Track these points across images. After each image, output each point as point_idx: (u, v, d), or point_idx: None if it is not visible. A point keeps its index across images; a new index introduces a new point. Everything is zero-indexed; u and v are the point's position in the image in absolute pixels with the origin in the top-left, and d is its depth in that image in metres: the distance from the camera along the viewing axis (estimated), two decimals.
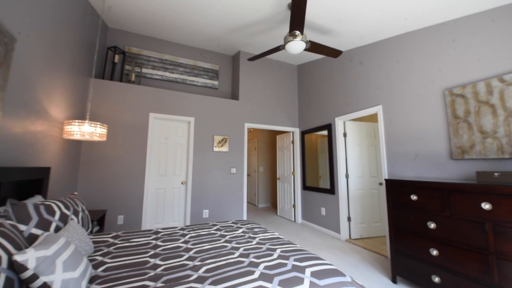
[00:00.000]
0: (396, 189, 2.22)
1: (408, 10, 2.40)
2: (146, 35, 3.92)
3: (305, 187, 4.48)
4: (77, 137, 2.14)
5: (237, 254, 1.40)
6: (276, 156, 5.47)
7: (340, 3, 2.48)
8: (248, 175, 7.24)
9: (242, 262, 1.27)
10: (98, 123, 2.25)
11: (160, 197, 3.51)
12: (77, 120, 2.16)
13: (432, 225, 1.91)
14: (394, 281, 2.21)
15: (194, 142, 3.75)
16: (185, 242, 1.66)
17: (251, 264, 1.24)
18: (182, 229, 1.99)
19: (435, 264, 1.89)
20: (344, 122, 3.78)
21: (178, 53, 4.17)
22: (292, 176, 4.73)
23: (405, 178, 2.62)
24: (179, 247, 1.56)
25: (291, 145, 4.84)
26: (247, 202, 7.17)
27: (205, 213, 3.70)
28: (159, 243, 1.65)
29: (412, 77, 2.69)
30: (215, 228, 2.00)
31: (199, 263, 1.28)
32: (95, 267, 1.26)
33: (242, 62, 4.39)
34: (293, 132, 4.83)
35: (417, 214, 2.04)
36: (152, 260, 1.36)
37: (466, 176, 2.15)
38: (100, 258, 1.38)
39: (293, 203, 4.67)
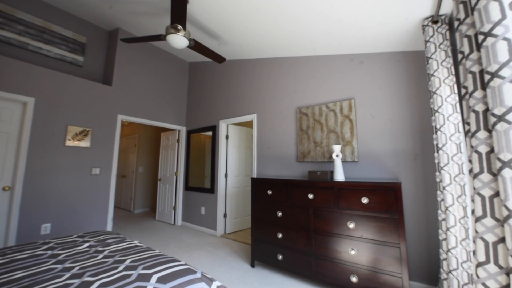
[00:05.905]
0: (258, 186, 2.61)
1: (272, 42, 2.90)
2: None
3: (187, 188, 4.38)
4: None
5: (66, 276, 1.11)
6: (159, 155, 5.02)
7: (224, 13, 2.62)
8: (123, 176, 6.20)
9: (69, 285, 1.02)
10: None
11: None
12: None
13: (280, 214, 2.38)
14: (252, 265, 2.57)
15: (31, 132, 2.74)
16: None
17: (82, 284, 1.02)
18: None
19: (280, 245, 2.36)
20: (227, 126, 4.04)
21: (18, 5, 2.93)
22: (175, 177, 4.51)
23: (267, 177, 3.14)
24: None
25: (176, 144, 4.61)
26: (120, 208, 6.12)
27: (45, 228, 2.77)
28: None
29: (279, 94, 3.28)
30: (45, 247, 1.51)
31: None
32: None
33: (122, 42, 3.72)
34: (179, 131, 4.63)
35: (271, 206, 2.48)
36: None
37: (304, 174, 2.86)
38: None
39: (173, 205, 4.44)
